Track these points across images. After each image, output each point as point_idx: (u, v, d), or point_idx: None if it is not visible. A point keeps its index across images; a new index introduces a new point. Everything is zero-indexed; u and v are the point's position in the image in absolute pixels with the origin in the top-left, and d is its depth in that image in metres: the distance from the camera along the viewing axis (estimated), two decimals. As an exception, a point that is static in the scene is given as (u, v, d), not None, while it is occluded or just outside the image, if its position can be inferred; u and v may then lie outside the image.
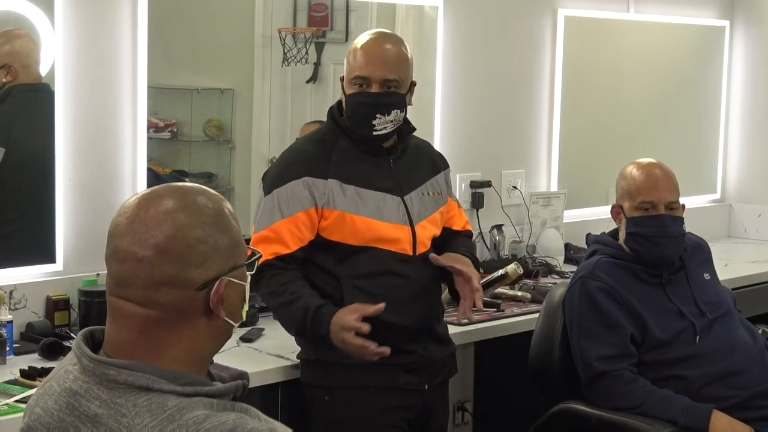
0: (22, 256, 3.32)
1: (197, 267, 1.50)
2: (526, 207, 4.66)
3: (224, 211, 1.56)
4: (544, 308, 3.39)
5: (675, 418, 3.03)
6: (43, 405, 1.54)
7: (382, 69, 2.89)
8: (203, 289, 1.51)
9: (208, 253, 1.51)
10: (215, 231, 1.53)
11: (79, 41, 3.34)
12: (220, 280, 1.52)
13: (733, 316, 3.30)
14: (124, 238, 1.51)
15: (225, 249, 1.53)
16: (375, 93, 2.89)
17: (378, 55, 2.90)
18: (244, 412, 1.51)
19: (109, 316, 1.55)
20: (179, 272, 1.49)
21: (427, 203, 3.03)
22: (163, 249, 1.49)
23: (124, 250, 1.51)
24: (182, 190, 1.56)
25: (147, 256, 1.49)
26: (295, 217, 2.87)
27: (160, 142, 3.92)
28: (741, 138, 5.71)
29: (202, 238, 1.51)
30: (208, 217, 1.53)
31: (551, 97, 4.86)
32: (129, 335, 1.52)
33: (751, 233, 5.63)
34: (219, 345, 1.59)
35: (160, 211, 1.51)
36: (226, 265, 1.53)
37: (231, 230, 1.56)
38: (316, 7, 4.24)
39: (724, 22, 5.65)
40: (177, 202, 1.52)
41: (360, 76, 2.89)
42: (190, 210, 1.52)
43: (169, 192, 1.55)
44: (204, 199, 1.55)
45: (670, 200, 3.26)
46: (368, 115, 2.90)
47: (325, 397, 2.90)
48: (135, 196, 1.56)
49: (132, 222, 1.51)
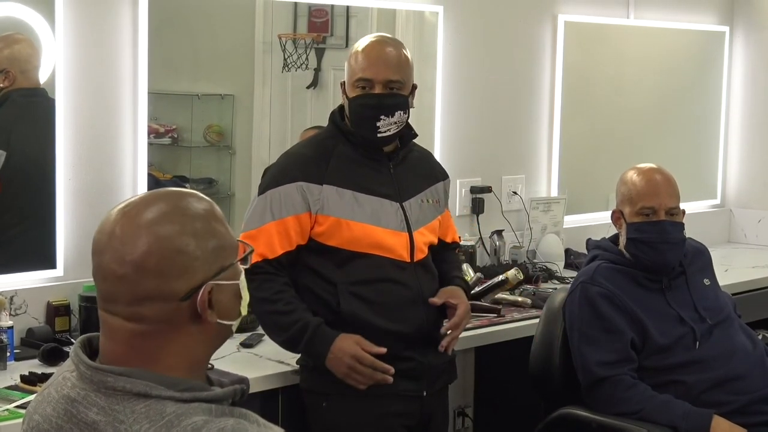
0: (23, 261, 3.32)
1: (178, 278, 1.49)
2: (527, 212, 4.66)
3: (205, 215, 1.54)
4: (545, 314, 3.39)
5: (675, 423, 3.03)
6: (42, 412, 1.54)
7: (385, 70, 2.90)
8: (188, 298, 1.50)
9: (189, 262, 1.49)
10: (195, 238, 1.50)
11: (79, 47, 3.34)
12: (204, 287, 1.50)
13: (733, 322, 3.30)
14: (103, 256, 1.50)
15: (208, 254, 1.51)
16: (378, 94, 2.89)
17: (380, 57, 2.91)
18: (242, 417, 1.51)
19: (101, 329, 1.54)
20: (160, 285, 1.48)
21: (426, 210, 3.03)
22: (140, 265, 1.47)
23: (104, 267, 1.50)
24: (160, 198, 1.53)
25: (126, 273, 1.48)
26: (284, 221, 2.87)
27: (161, 148, 3.92)
28: (741, 143, 5.71)
29: (181, 248, 1.49)
30: (186, 225, 1.51)
31: (551, 102, 4.86)
32: (119, 348, 1.52)
33: (751, 238, 5.63)
34: (215, 347, 1.58)
35: (135, 225, 1.49)
36: (211, 270, 1.52)
37: (214, 234, 1.53)
38: (316, 12, 4.24)
39: (724, 27, 5.65)
40: (153, 213, 1.50)
41: (363, 78, 2.90)
42: (168, 219, 1.50)
43: (144, 203, 1.52)
44: (184, 205, 1.53)
45: (671, 206, 3.26)
46: (372, 117, 2.90)
47: (324, 403, 2.90)
48: (115, 208, 1.54)
49: (110, 239, 1.50)
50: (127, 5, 3.45)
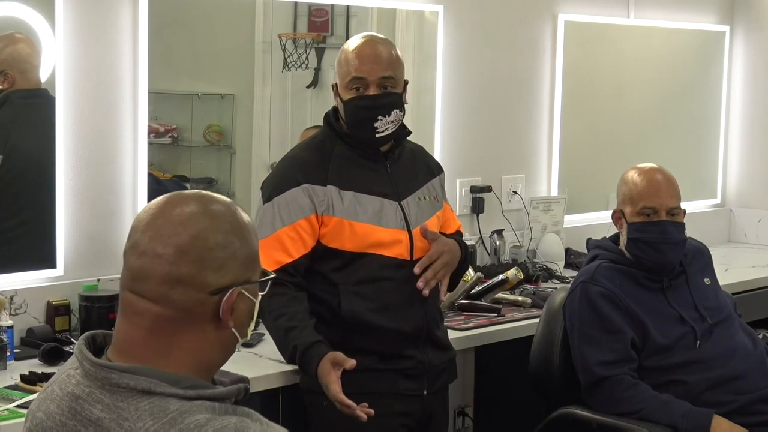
0: (23, 261, 3.32)
1: (214, 271, 1.52)
2: (527, 212, 4.66)
3: (247, 225, 1.59)
4: (545, 313, 3.39)
5: (676, 423, 3.03)
6: (45, 409, 1.54)
7: (377, 68, 2.90)
8: (216, 294, 1.53)
9: (226, 260, 1.53)
10: (235, 239, 1.55)
11: (79, 47, 3.34)
12: (233, 289, 1.54)
13: (733, 321, 3.30)
14: (145, 233, 1.53)
15: (242, 259, 1.55)
16: (374, 95, 2.90)
17: (372, 55, 2.91)
18: (245, 415, 1.52)
19: (120, 313, 1.56)
20: (196, 273, 1.51)
21: (424, 208, 3.04)
22: (183, 248, 1.51)
23: (144, 244, 1.52)
24: (208, 198, 1.59)
25: (166, 253, 1.51)
26: (296, 225, 2.87)
27: (161, 148, 3.92)
28: (741, 143, 5.71)
29: (223, 244, 1.53)
30: (230, 225, 1.55)
31: (551, 102, 4.86)
32: (138, 334, 1.53)
33: (752, 238, 5.63)
34: (224, 357, 1.60)
35: (185, 212, 1.54)
36: (242, 276, 1.55)
37: (250, 243, 1.58)
38: (316, 12, 4.24)
39: (724, 27, 5.65)
40: (201, 207, 1.55)
41: (357, 77, 2.90)
42: (214, 216, 1.55)
43: (195, 197, 1.58)
44: (226, 209, 1.58)
45: (672, 206, 3.26)
46: (370, 118, 2.90)
47: (324, 403, 2.89)
48: (163, 196, 1.59)
49: (156, 219, 1.54)
50: (127, 5, 3.45)
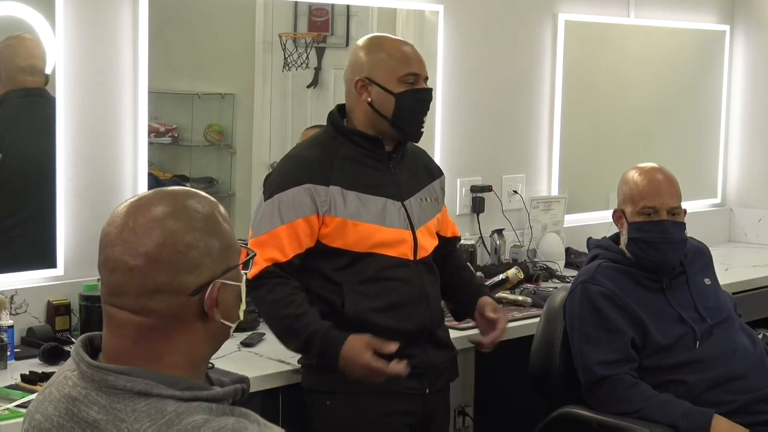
0: (23, 261, 3.32)
1: (189, 272, 1.50)
2: (527, 211, 4.66)
3: (214, 214, 1.56)
4: (545, 313, 3.39)
5: (676, 423, 3.03)
6: (43, 411, 1.54)
7: (424, 66, 2.99)
8: (197, 294, 1.51)
9: (200, 258, 1.51)
10: (206, 235, 1.52)
11: (79, 46, 3.34)
12: (213, 284, 1.52)
13: (733, 321, 3.30)
14: (114, 248, 1.51)
15: (217, 252, 1.53)
16: (430, 89, 2.98)
17: (419, 56, 2.98)
18: (243, 416, 1.51)
19: (105, 325, 1.55)
20: (171, 279, 1.49)
21: (425, 209, 3.04)
22: (153, 257, 1.49)
23: (114, 259, 1.51)
24: (171, 195, 1.56)
25: (138, 264, 1.49)
26: (294, 224, 2.86)
27: (161, 147, 3.92)
28: (741, 142, 5.71)
29: (193, 244, 1.51)
30: (198, 222, 1.53)
31: (552, 101, 4.86)
32: (125, 343, 1.52)
33: (752, 238, 5.63)
34: (215, 347, 1.59)
35: (149, 219, 1.51)
36: (219, 269, 1.53)
37: (222, 233, 1.55)
38: (316, 12, 4.24)
39: (725, 26, 5.65)
40: (166, 208, 1.52)
41: (412, 72, 2.93)
42: (180, 215, 1.52)
43: (157, 198, 1.55)
44: (194, 203, 1.55)
45: (673, 206, 3.25)
46: (422, 112, 2.96)
47: (327, 402, 2.90)
48: (124, 204, 1.56)
49: (121, 231, 1.51)
50: (127, 5, 3.45)
